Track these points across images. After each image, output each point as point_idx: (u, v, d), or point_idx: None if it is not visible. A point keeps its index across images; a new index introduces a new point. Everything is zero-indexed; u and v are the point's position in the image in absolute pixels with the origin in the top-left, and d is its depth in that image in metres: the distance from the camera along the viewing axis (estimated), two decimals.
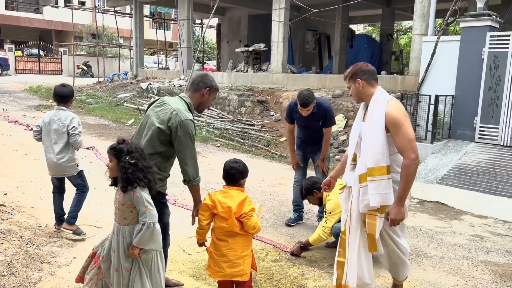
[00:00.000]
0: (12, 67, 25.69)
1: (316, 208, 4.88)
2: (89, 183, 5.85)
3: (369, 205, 2.81)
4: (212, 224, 2.89)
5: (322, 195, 3.99)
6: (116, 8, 20.96)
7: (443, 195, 6.19)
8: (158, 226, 2.56)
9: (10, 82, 20.13)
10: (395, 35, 27.82)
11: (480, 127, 7.81)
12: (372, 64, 12.15)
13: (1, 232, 3.73)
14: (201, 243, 2.98)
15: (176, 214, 4.69)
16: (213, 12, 13.59)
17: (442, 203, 5.93)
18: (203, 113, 11.60)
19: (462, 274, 3.79)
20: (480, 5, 7.84)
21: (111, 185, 2.69)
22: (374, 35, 24.63)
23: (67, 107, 4.12)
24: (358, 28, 35.18)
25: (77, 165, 4.11)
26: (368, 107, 2.92)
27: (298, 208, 4.84)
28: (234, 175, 2.89)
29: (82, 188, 4.15)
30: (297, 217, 4.84)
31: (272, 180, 6.65)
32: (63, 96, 4.06)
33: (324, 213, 4.04)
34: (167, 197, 3.16)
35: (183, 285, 3.30)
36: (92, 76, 26.28)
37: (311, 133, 4.69)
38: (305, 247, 3.99)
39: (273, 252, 4.04)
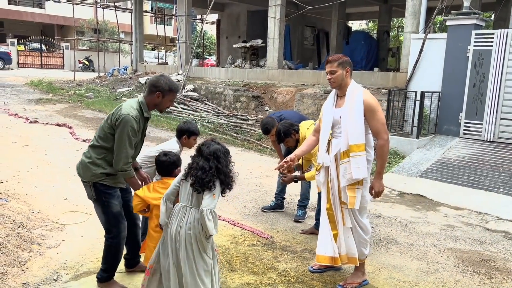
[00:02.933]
0: (14, 61, 25.99)
1: (296, 197, 5.12)
2: None
3: (351, 178, 3.22)
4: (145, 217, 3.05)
5: (299, 137, 4.22)
6: (118, 4, 21.19)
7: (423, 187, 6.42)
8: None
9: (12, 76, 20.42)
10: (395, 32, 27.97)
11: (465, 123, 8.02)
12: (368, 60, 12.46)
13: None
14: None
15: None
16: (210, 7, 13.81)
17: (422, 195, 6.16)
18: (199, 108, 11.86)
19: (427, 259, 4.03)
20: (466, 3, 8.03)
21: None
22: (374, 32, 24.73)
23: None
24: (360, 25, 35.33)
25: None
26: (346, 95, 3.32)
27: (278, 196, 5.10)
28: (168, 167, 3.07)
29: None
30: (274, 205, 5.10)
31: (260, 173, 6.90)
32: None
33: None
34: None
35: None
36: (93, 70, 26.54)
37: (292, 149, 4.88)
38: (297, 179, 4.36)
39: (251, 238, 4.29)
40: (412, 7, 10.10)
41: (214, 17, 23.96)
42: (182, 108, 11.99)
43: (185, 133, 3.68)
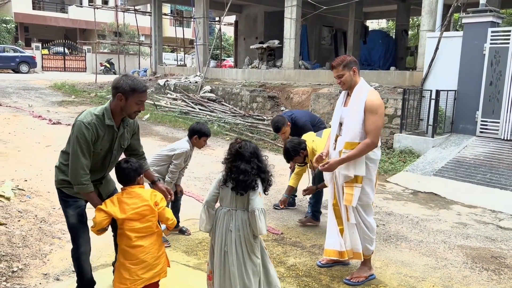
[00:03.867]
0: (39, 65, 26.70)
1: (307, 196, 5.21)
2: None
3: (346, 175, 3.30)
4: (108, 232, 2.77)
5: (307, 153, 4.30)
6: (138, 7, 21.60)
7: (437, 186, 6.41)
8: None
9: (37, 79, 21.03)
10: (415, 31, 27.66)
11: (482, 121, 7.96)
12: (386, 59, 12.51)
13: (19, 211, 4.22)
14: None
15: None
16: (227, 9, 13.98)
17: (435, 194, 6.16)
18: (216, 108, 12.03)
19: (436, 255, 4.06)
20: (482, 1, 7.97)
21: None
22: (393, 31, 24.54)
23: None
24: (380, 24, 35.02)
25: None
26: (352, 94, 3.40)
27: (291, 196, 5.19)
28: (129, 174, 2.75)
29: None
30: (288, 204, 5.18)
31: (273, 171, 6.97)
32: None
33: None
34: None
35: None
36: (114, 73, 27.07)
37: None
38: (318, 188, 4.49)
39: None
40: (429, 5, 10.05)
41: (232, 18, 24.18)
42: (200, 109, 12.18)
43: (196, 134, 3.82)
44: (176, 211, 4.25)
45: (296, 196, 5.28)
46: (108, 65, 28.84)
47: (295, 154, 4.29)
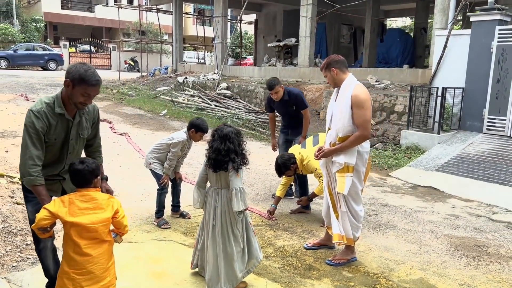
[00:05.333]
0: (66, 62, 27.67)
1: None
2: (116, 162, 6.77)
3: (337, 163, 3.55)
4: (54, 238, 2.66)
5: (297, 166, 4.60)
6: (160, 6, 22.15)
7: (437, 181, 6.56)
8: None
9: (63, 76, 21.80)
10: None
11: (488, 118, 8.02)
12: (404, 58, 12.73)
13: None
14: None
15: (184, 188, 5.41)
16: (244, 7, 14.30)
17: (434, 188, 6.32)
18: (231, 105, 12.36)
19: (420, 243, 4.27)
20: None
21: None
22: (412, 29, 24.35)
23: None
24: (404, 22, 34.66)
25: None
26: (339, 90, 3.59)
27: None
28: (85, 176, 2.47)
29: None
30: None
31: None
32: None
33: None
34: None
35: None
36: (138, 71, 27.78)
37: (290, 119, 5.45)
38: (311, 198, 4.81)
39: (257, 219, 4.70)
40: (441, 4, 10.10)
41: (252, 17, 24.49)
42: (215, 105, 12.54)
43: (194, 128, 4.15)
44: (177, 196, 4.59)
45: (292, 185, 5.59)
46: (132, 63, 29.62)
47: (286, 169, 4.63)
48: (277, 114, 5.79)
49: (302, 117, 5.32)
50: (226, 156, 2.97)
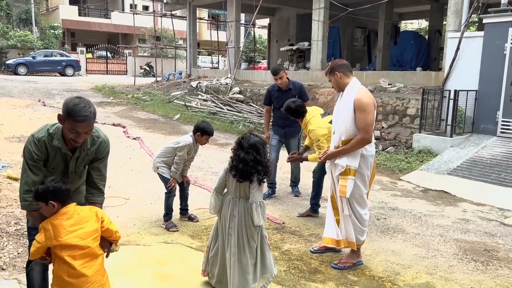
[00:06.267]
0: (83, 68, 28.21)
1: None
2: (128, 166, 6.87)
3: (340, 165, 3.57)
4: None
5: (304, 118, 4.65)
6: (174, 12, 22.40)
7: (449, 184, 6.49)
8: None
9: (80, 81, 22.26)
10: None
11: (502, 121, 7.90)
12: (419, 60, 12.71)
13: None
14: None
15: (194, 191, 5.47)
16: (256, 12, 14.36)
17: (446, 192, 6.25)
18: (243, 109, 12.42)
19: (429, 247, 4.23)
20: (504, 0, 7.93)
21: None
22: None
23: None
24: (420, 24, 34.31)
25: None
26: (343, 94, 3.61)
27: (272, 185, 5.72)
28: (64, 192, 2.36)
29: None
30: (271, 192, 5.71)
31: (288, 168, 7.22)
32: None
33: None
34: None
35: None
36: (154, 76, 28.11)
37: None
38: (302, 160, 4.94)
39: (265, 223, 4.71)
40: (454, 6, 10.00)
41: (266, 21, 24.58)
42: (228, 110, 12.63)
43: (200, 131, 4.20)
44: (185, 200, 4.65)
45: (275, 185, 5.74)
46: (147, 68, 29.99)
47: (298, 115, 4.64)
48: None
49: None
50: (253, 167, 2.91)
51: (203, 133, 4.21)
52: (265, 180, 3.03)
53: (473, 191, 6.21)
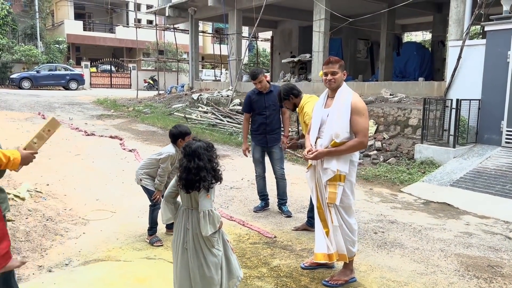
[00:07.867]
0: (87, 82, 28.28)
1: (302, 202, 5.56)
2: (120, 178, 6.69)
3: (329, 170, 3.34)
4: None
5: (298, 102, 4.46)
6: (177, 25, 22.45)
7: (451, 196, 6.23)
8: None
9: (83, 95, 22.27)
10: None
11: (507, 131, 7.66)
12: (422, 71, 12.57)
13: (28, 210, 4.57)
14: None
15: None
16: (256, 24, 14.29)
17: (448, 204, 5.99)
18: (242, 120, 12.22)
19: (428, 262, 3.98)
20: (506, 7, 7.75)
21: None
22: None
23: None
24: (425, 36, 34.18)
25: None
26: (336, 95, 3.48)
27: (264, 197, 5.51)
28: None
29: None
30: (264, 205, 5.48)
31: (287, 180, 7.06)
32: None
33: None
34: None
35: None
36: (157, 89, 28.14)
37: (270, 116, 5.28)
38: (301, 145, 4.72)
39: (255, 237, 4.49)
40: (456, 15, 9.83)
41: (269, 34, 24.58)
42: (228, 121, 12.46)
43: (180, 137, 4.00)
44: None
45: (267, 196, 5.57)
46: (151, 82, 30.05)
47: (286, 97, 4.48)
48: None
49: (280, 117, 5.37)
50: (196, 175, 2.69)
51: (183, 136, 4.01)
52: (212, 186, 2.75)
53: (476, 203, 5.94)
